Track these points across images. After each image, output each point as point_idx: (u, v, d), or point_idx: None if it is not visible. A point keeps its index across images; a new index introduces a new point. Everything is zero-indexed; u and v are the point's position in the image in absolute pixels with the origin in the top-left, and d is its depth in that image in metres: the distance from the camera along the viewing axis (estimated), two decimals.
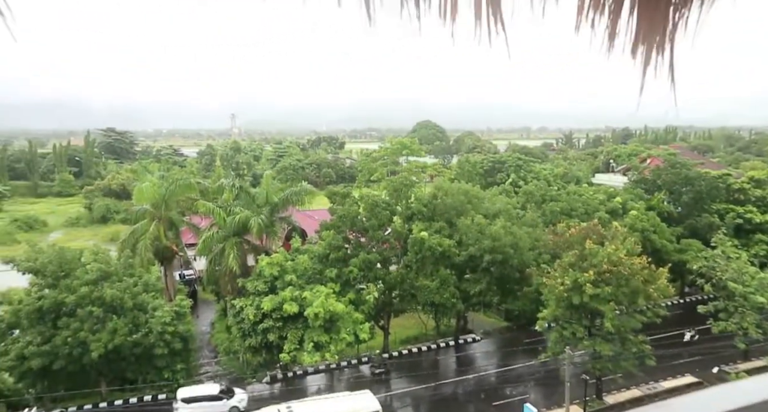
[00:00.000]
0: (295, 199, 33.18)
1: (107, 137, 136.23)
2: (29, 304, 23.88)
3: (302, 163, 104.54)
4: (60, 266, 25.56)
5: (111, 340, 23.41)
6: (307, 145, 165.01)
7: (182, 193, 37.58)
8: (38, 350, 22.68)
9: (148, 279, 28.25)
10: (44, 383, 24.20)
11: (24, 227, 64.68)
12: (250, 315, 24.17)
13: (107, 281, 25.51)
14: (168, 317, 25.47)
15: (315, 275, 26.52)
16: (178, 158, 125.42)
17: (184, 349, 26.79)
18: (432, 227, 28.62)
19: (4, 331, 24.64)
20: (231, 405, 24.56)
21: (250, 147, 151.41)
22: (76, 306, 23.96)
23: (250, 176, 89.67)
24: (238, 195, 35.57)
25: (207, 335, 33.86)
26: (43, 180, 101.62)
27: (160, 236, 33.84)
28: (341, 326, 23.76)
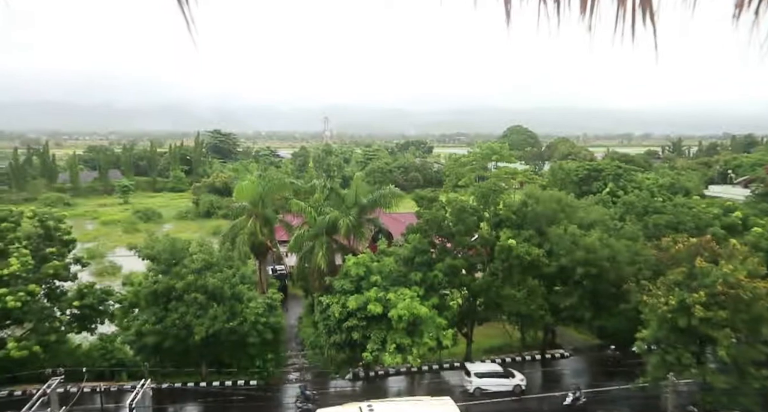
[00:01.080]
0: (382, 202, 33.79)
1: (214, 138, 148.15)
2: (146, 287, 26.67)
3: (390, 166, 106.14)
4: (172, 255, 28.23)
5: (211, 325, 25.40)
6: (396, 149, 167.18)
7: (277, 192, 39.85)
8: (152, 328, 25.24)
9: (245, 271, 30.27)
10: (156, 359, 26.86)
11: (144, 217, 72.32)
12: (335, 312, 24.98)
13: (210, 270, 27.70)
14: (261, 309, 27.12)
15: (399, 278, 26.77)
16: (274, 159, 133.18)
17: (275, 340, 28.36)
18: (521, 235, 27.67)
19: (127, 309, 27.84)
20: (515, 383, 26.81)
21: (341, 150, 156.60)
22: (183, 292, 26.29)
23: (340, 178, 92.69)
24: (328, 196, 36.99)
25: (295, 329, 35.49)
26: (160, 176, 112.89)
27: (256, 231, 36.10)
28: (424, 330, 23.74)
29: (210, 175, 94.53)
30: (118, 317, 28.69)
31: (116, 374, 27.96)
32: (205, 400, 26.70)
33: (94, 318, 29.44)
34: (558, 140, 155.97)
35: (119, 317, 28.50)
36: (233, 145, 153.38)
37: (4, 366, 25.86)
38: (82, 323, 29.12)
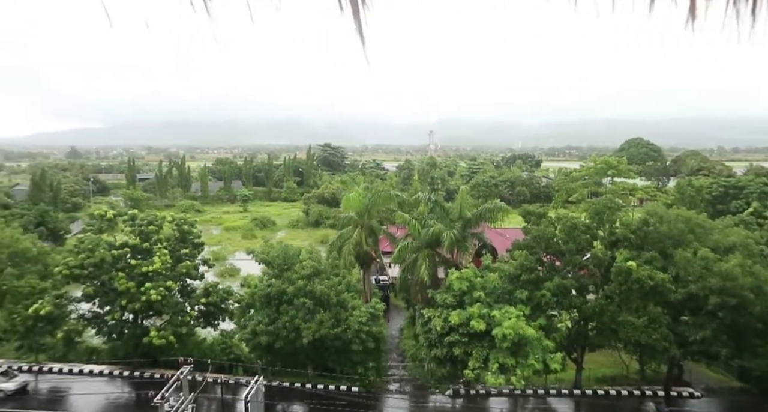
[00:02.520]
0: (487, 216, 33.09)
1: (324, 151, 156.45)
2: (261, 289, 28.78)
3: (495, 180, 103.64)
4: (284, 261, 30.20)
5: (318, 330, 26.63)
6: (501, 163, 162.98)
7: (383, 203, 40.85)
8: (265, 328, 27.13)
9: (350, 280, 31.35)
10: (268, 357, 28.79)
11: (260, 225, 78.34)
12: (437, 326, 24.83)
13: (318, 277, 29.13)
14: (364, 317, 27.86)
15: (504, 295, 25.90)
16: (380, 171, 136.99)
17: (376, 349, 28.92)
18: (641, 256, 25.33)
19: (244, 309, 30.28)
20: None
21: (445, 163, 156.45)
22: (293, 296, 27.92)
23: (444, 191, 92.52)
24: (432, 209, 37.08)
25: (396, 340, 35.86)
26: (276, 187, 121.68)
27: (361, 241, 37.29)
28: (530, 351, 22.63)
29: (319, 187, 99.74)
30: (236, 315, 31.25)
31: (234, 368, 30.44)
32: (310, 401, 27.94)
33: (217, 315, 32.42)
34: (686, 154, 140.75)
35: (237, 316, 31.04)
36: (341, 158, 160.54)
37: (147, 351, 29.52)
38: (207, 318, 32.22)
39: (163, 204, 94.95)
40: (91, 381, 30.10)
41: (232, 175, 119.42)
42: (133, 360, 30.19)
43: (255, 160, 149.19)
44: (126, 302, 29.29)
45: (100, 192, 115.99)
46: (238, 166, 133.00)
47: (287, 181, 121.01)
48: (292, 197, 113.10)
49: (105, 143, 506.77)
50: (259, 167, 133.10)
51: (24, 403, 27.66)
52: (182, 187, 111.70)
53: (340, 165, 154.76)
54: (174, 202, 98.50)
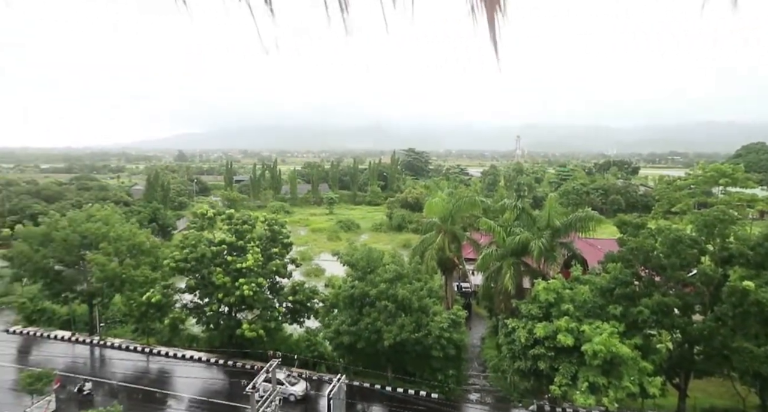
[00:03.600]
0: (578, 225, 31.39)
1: (408, 156, 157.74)
2: (345, 291, 29.58)
3: (587, 187, 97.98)
4: (368, 263, 30.79)
5: (399, 333, 26.81)
6: (594, 169, 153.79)
7: (466, 209, 40.22)
8: (348, 329, 27.83)
9: (432, 285, 31.22)
10: (350, 357, 29.50)
11: (345, 227, 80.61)
12: (521, 338, 23.93)
13: (400, 281, 29.33)
14: (445, 324, 27.59)
15: (595, 309, 24.34)
16: (464, 177, 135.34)
17: (457, 356, 28.50)
18: (761, 276, 22.57)
19: (328, 308, 31.31)
20: None
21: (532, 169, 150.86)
22: (375, 299, 28.37)
23: (531, 198, 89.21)
24: (518, 216, 35.87)
25: (477, 349, 35.10)
26: (360, 191, 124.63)
27: (444, 247, 37.01)
28: (624, 371, 21.04)
29: (403, 191, 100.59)
30: (321, 314, 32.38)
31: (317, 364, 31.54)
32: (389, 403, 28.17)
33: (303, 313, 33.81)
34: None
35: (322, 315, 32.14)
36: (425, 163, 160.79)
37: (239, 343, 31.54)
38: (293, 315, 33.73)
39: (256, 205, 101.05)
40: (191, 366, 32.74)
41: (319, 179, 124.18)
42: (227, 350, 32.39)
43: (341, 164, 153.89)
44: (222, 296, 31.51)
45: (201, 192, 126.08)
46: (325, 170, 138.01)
47: (371, 185, 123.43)
48: (376, 201, 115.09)
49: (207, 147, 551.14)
50: (345, 171, 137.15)
51: None
52: (273, 189, 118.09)
53: (424, 170, 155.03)
54: (266, 203, 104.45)
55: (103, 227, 37.34)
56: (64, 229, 36.94)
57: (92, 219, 38.58)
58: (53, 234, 36.74)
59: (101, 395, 29.34)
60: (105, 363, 34.03)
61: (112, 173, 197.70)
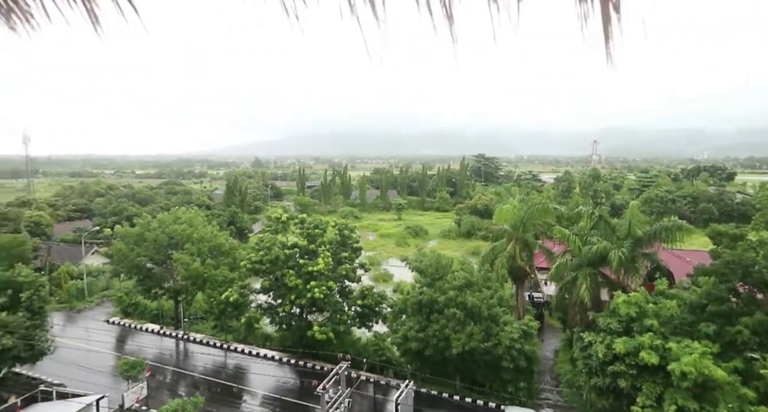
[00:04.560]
0: (663, 235, 29.22)
1: (477, 162, 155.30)
2: (413, 296, 29.56)
3: (673, 195, 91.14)
4: (436, 270, 30.59)
5: (468, 342, 26.33)
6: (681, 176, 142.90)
7: (539, 217, 38.79)
8: (416, 335, 27.75)
9: (502, 294, 30.41)
10: (417, 363, 29.39)
11: (413, 233, 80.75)
12: (599, 353, 22.62)
13: (469, 289, 28.84)
14: (516, 334, 26.72)
15: (684, 327, 22.50)
16: (536, 183, 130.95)
17: (528, 369, 27.50)
18: None
19: (397, 314, 31.44)
20: None
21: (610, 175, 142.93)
22: (444, 306, 28.07)
23: (608, 206, 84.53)
24: (596, 224, 34.07)
25: (550, 362, 33.67)
26: (429, 197, 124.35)
27: (515, 255, 35.91)
28: (720, 397, 19.22)
29: (472, 197, 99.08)
30: (389, 319, 32.56)
31: (385, 369, 31.72)
32: None
33: (371, 317, 34.17)
34: None
35: (390, 320, 32.31)
36: (495, 169, 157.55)
37: (310, 344, 32.48)
38: (362, 319, 34.18)
39: (327, 210, 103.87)
40: (264, 363, 34.16)
41: (388, 185, 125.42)
42: (298, 350, 33.45)
43: (410, 170, 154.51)
44: (294, 297, 32.62)
45: (275, 197, 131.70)
46: (394, 176, 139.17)
47: (440, 191, 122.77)
48: (445, 207, 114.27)
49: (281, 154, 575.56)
50: (414, 177, 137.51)
51: (219, 374, 32.61)
52: (343, 194, 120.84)
53: (494, 176, 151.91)
54: (336, 208, 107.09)
55: (188, 229, 40.05)
56: (155, 230, 40.05)
57: (178, 221, 41.50)
58: (146, 234, 39.95)
59: (184, 386, 31.37)
60: (188, 356, 36.36)
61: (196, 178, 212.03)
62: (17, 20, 1.42)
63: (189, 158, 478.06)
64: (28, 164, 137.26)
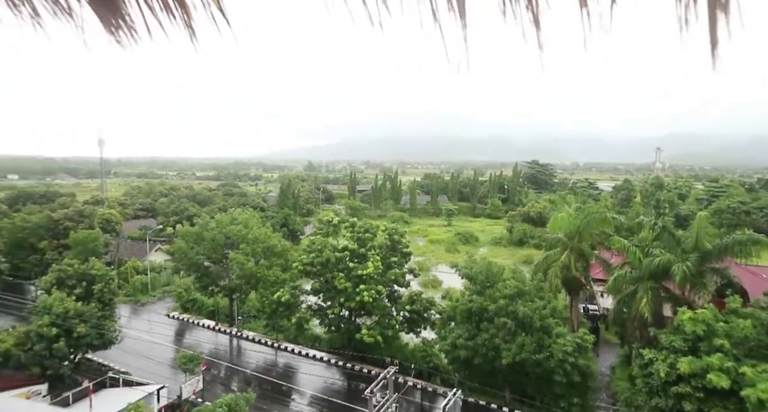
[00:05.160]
0: (736, 249, 27.22)
1: (531, 169, 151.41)
2: (463, 304, 29.14)
3: (747, 206, 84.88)
4: (487, 277, 30.02)
5: (518, 353, 25.63)
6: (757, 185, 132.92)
7: (596, 226, 37.26)
8: (465, 343, 27.32)
9: (556, 305, 29.40)
10: (466, 372, 28.92)
11: (463, 240, 79.75)
12: (661, 372, 21.35)
13: (521, 298, 28.09)
14: (570, 347, 25.72)
15: (760, 349, 20.86)
16: (592, 191, 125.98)
17: (582, 384, 26.38)
18: None
19: (445, 321, 31.11)
20: None
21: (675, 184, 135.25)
22: (494, 315, 27.48)
23: (673, 216, 79.96)
24: (658, 235, 32.31)
25: (606, 378, 32.17)
26: (480, 203, 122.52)
27: (570, 265, 34.63)
28: None
29: (525, 205, 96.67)
30: (437, 326, 32.26)
31: (432, 376, 31.43)
32: None
33: (420, 323, 33.98)
34: None
35: (438, 327, 32.00)
36: (549, 176, 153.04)
37: (358, 347, 32.73)
38: (410, 325, 34.05)
39: (377, 214, 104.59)
40: (313, 364, 34.75)
41: (438, 190, 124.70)
42: (346, 352, 33.77)
43: (461, 176, 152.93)
44: (343, 300, 32.99)
45: (327, 201, 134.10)
46: (445, 182, 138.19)
47: (492, 197, 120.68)
48: (496, 214, 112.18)
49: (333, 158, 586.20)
50: (465, 183, 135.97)
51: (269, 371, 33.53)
52: (393, 199, 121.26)
53: (548, 183, 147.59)
54: (386, 212, 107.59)
55: (243, 230, 41.51)
56: (213, 230, 41.80)
57: (235, 222, 43.10)
58: (204, 234, 41.77)
59: (237, 381, 32.44)
60: (241, 353, 37.59)
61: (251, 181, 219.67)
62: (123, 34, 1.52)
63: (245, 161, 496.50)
64: (102, 166, 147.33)
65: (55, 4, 1.50)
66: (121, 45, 1.54)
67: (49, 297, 29.94)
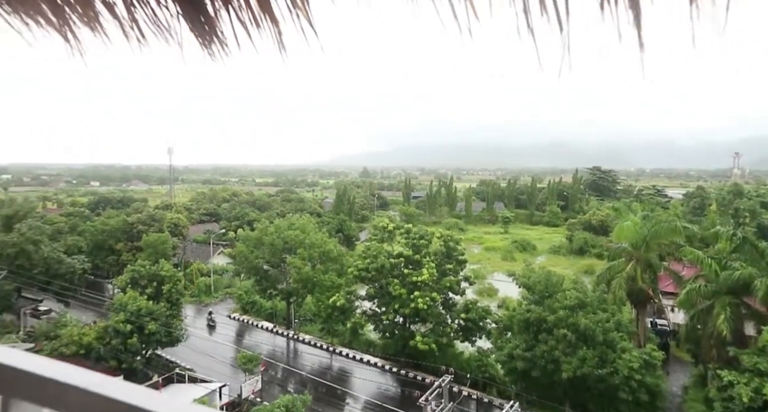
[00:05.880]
0: None
1: (592, 175, 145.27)
2: (520, 314, 28.33)
3: None
4: (546, 287, 29.04)
5: (580, 367, 24.53)
6: None
7: (665, 236, 35.17)
8: (522, 354, 26.51)
9: (621, 318, 27.92)
10: (523, 384, 28.05)
11: (520, 248, 77.64)
12: (743, 396, 19.70)
13: (582, 310, 26.92)
14: (636, 363, 24.31)
15: None
16: (661, 199, 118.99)
17: (651, 404, 24.84)
18: None
19: (501, 330, 30.40)
20: None
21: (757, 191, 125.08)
22: (553, 326, 26.50)
23: (754, 226, 73.91)
24: (738, 247, 29.98)
25: (677, 399, 30.12)
26: (537, 210, 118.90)
27: (636, 276, 32.85)
28: None
29: (586, 213, 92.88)
30: (493, 335, 31.55)
31: (488, 386, 30.71)
32: None
33: (475, 332, 33.35)
34: None
35: (494, 337, 31.28)
36: (613, 183, 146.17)
37: (412, 354, 32.60)
38: (465, 333, 33.50)
39: (431, 221, 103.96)
40: (367, 369, 34.93)
41: (494, 197, 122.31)
42: (400, 359, 33.72)
43: (518, 183, 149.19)
44: (398, 306, 32.99)
45: (381, 207, 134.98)
46: (501, 188, 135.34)
47: (550, 205, 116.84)
48: (555, 222, 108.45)
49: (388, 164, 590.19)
50: (522, 190, 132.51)
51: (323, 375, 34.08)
52: (448, 206, 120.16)
53: (611, 190, 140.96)
54: (440, 219, 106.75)
55: (301, 235, 42.57)
56: (271, 234, 43.17)
57: (292, 227, 44.30)
58: (263, 238, 43.23)
59: (293, 383, 33.19)
60: (297, 355, 38.47)
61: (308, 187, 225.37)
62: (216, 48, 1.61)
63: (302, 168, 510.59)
64: (171, 172, 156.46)
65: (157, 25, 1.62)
66: (214, 59, 1.63)
67: (124, 295, 32.08)
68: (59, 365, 0.84)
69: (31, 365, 0.81)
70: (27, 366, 0.81)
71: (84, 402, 0.75)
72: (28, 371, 0.80)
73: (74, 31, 1.72)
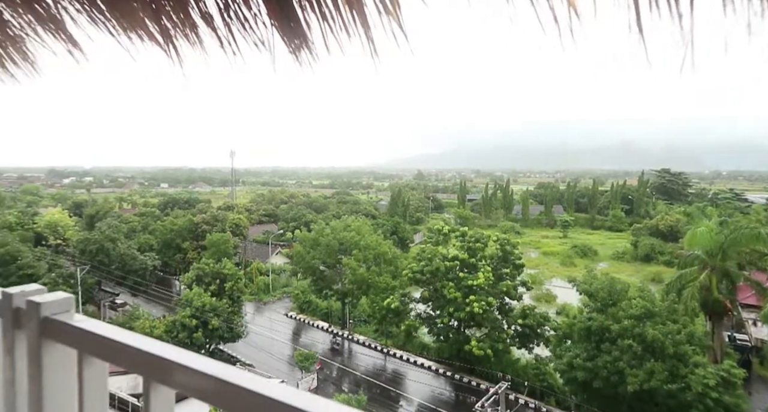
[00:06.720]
0: None
1: (660, 178, 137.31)
2: (581, 322, 27.26)
3: None
4: (609, 295, 27.76)
5: (647, 380, 23.23)
6: None
7: (746, 243, 32.69)
8: (583, 364, 25.46)
9: (693, 330, 26.19)
10: (584, 396, 26.93)
11: (580, 253, 74.68)
12: None
13: (650, 320, 25.51)
14: (712, 380, 22.68)
15: None
16: (739, 203, 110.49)
17: None
18: None
19: (561, 338, 29.35)
20: None
21: None
22: (617, 336, 25.27)
23: None
24: None
25: None
26: (599, 214, 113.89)
27: (711, 286, 30.74)
28: None
29: (653, 217, 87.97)
30: (552, 343, 30.51)
31: (546, 396, 29.73)
32: None
33: (532, 339, 32.41)
34: None
35: (553, 344, 30.24)
36: (683, 186, 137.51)
37: (467, 358, 32.17)
38: (522, 340, 32.64)
39: (487, 224, 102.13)
40: (420, 372, 34.81)
41: (553, 200, 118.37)
42: (454, 363, 33.33)
43: (578, 185, 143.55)
44: (453, 310, 32.65)
45: (436, 209, 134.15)
46: (560, 191, 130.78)
47: (613, 208, 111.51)
48: (618, 227, 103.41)
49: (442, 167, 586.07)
50: (582, 193, 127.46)
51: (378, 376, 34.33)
52: (505, 209, 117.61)
53: (682, 194, 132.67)
54: (496, 222, 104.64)
55: (356, 236, 43.14)
56: (328, 235, 44.05)
57: (348, 229, 44.99)
58: (320, 239, 44.20)
59: (348, 382, 33.64)
60: (352, 356, 38.95)
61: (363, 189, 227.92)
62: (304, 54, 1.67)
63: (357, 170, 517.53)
64: (233, 175, 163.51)
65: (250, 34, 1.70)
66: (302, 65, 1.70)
67: (190, 292, 33.83)
68: (188, 353, 0.93)
69: (166, 352, 0.91)
70: (163, 353, 0.91)
71: (213, 389, 0.83)
72: (163, 357, 0.90)
73: (175, 43, 1.84)
